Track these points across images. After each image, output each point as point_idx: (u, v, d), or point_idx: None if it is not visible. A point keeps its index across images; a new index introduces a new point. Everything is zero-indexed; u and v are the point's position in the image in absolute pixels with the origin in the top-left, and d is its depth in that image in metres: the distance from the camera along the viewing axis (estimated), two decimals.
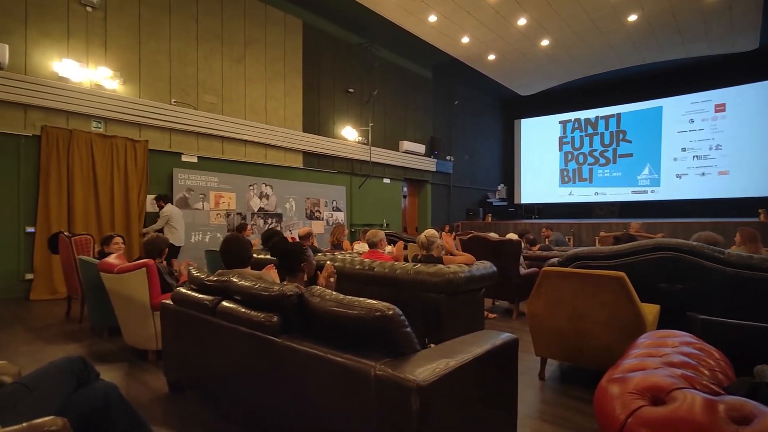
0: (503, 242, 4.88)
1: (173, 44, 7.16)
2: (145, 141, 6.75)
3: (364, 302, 1.63)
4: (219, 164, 7.79)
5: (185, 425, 2.31)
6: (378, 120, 10.84)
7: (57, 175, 5.90)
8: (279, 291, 1.93)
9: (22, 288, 5.69)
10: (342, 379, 1.59)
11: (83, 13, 6.19)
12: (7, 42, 5.47)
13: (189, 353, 2.56)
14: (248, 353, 2.06)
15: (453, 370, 1.47)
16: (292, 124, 8.99)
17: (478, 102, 14.76)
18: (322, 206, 9.56)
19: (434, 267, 3.07)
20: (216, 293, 2.36)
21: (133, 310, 3.31)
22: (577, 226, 11.12)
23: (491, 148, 15.63)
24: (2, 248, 5.57)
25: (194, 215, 7.36)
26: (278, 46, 8.73)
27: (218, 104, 7.77)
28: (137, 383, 2.93)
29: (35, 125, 5.78)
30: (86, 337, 4.03)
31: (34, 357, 3.38)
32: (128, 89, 6.65)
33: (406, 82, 11.83)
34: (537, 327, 2.98)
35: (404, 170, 11.70)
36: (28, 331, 4.16)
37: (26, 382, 1.36)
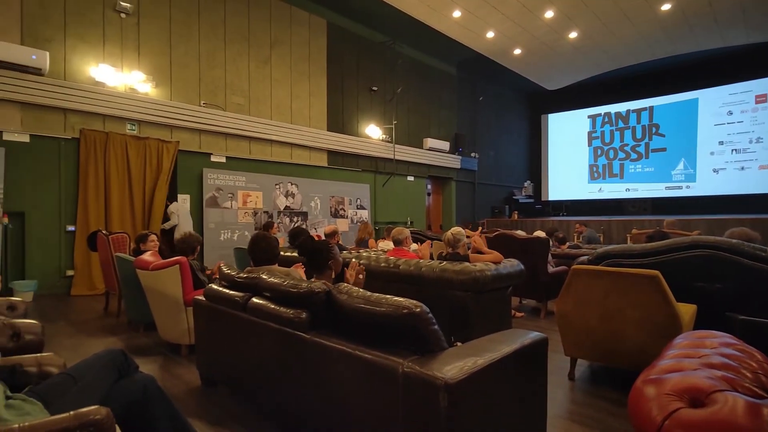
0: (531, 240, 4.80)
1: (202, 47, 7.35)
2: (176, 142, 6.96)
3: (391, 299, 1.64)
4: (246, 164, 7.95)
5: (217, 418, 2.38)
6: (402, 118, 10.83)
7: (95, 175, 6.16)
8: (307, 288, 1.96)
9: (63, 284, 5.98)
10: (370, 375, 1.61)
11: (117, 20, 6.42)
12: (48, 49, 5.74)
13: (220, 348, 2.63)
14: (278, 349, 2.10)
15: (481, 368, 1.46)
16: (317, 123, 9.08)
17: (503, 98, 14.53)
18: (347, 204, 9.62)
19: (460, 265, 3.05)
20: (246, 290, 2.41)
21: (167, 305, 3.43)
22: (607, 224, 10.81)
23: (517, 144, 15.35)
24: (46, 246, 5.86)
25: (223, 214, 7.54)
26: (303, 47, 8.83)
27: (245, 105, 7.94)
28: (171, 376, 3.03)
29: (74, 128, 6.05)
30: (123, 331, 4.20)
31: (76, 350, 3.55)
32: (160, 92, 6.87)
33: (429, 79, 11.76)
34: (566, 326, 2.92)
35: (428, 168, 11.64)
36: (70, 325, 4.37)
37: (72, 373, 1.43)
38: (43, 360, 1.58)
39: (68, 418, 1.11)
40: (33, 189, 5.75)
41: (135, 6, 6.54)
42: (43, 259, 5.86)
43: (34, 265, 5.78)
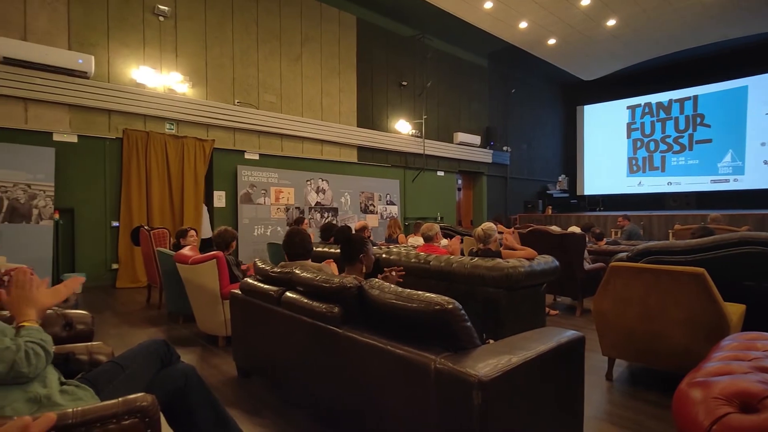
0: (566, 236, 4.67)
1: (236, 47, 7.52)
2: (212, 140, 7.17)
3: (423, 295, 1.63)
4: (279, 161, 8.10)
5: (253, 408, 2.45)
6: (432, 112, 10.73)
7: (137, 173, 6.44)
8: (339, 283, 1.99)
9: (109, 277, 6.30)
10: (402, 370, 1.61)
11: (156, 23, 6.67)
12: (93, 53, 6.02)
13: (256, 340, 2.71)
14: (310, 342, 2.14)
15: (516, 366, 1.44)
16: (347, 119, 9.14)
17: (536, 89, 14.15)
18: (376, 200, 9.65)
19: (492, 261, 3.01)
20: (280, 284, 2.47)
21: (204, 298, 3.55)
22: (647, 219, 10.37)
23: (551, 137, 14.92)
24: (93, 241, 6.19)
25: (257, 210, 7.72)
26: (333, 44, 8.89)
27: (277, 103, 8.08)
28: (209, 366, 3.14)
29: (118, 128, 6.34)
30: (164, 322, 4.39)
31: (121, 339, 3.73)
32: (196, 92, 7.09)
33: (460, 72, 11.60)
34: (604, 325, 2.83)
35: (459, 162, 11.51)
36: (115, 316, 4.60)
37: (119, 362, 1.51)
38: (93, 348, 1.67)
39: (117, 404, 1.17)
40: (81, 187, 6.07)
41: (172, 9, 6.77)
42: (91, 253, 6.18)
43: (83, 258, 6.11)
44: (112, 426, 1.13)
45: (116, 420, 1.14)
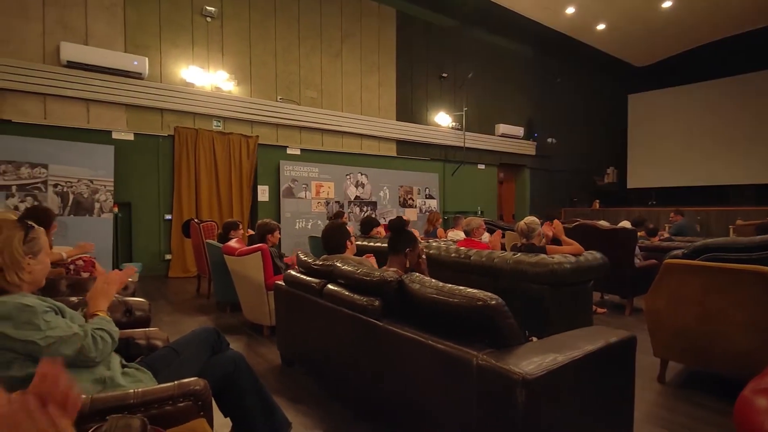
0: (615, 231, 4.46)
1: (278, 44, 7.69)
2: (256, 136, 7.40)
3: (465, 291, 1.62)
4: (319, 155, 8.24)
5: (296, 396, 2.53)
6: (472, 104, 10.53)
7: (187, 169, 6.76)
8: (380, 276, 2.00)
9: (162, 267, 6.67)
10: (442, 365, 1.61)
11: (204, 24, 6.93)
12: (146, 55, 6.36)
13: (298, 330, 2.78)
14: (351, 334, 2.18)
15: (562, 365, 1.40)
16: (386, 113, 9.14)
17: (584, 78, 13.51)
18: (415, 194, 9.62)
19: (536, 257, 2.92)
20: (322, 276, 2.52)
21: (250, 289, 3.69)
22: (704, 214, 9.73)
23: (599, 127, 14.19)
24: (148, 233, 6.58)
25: (298, 204, 7.91)
26: (372, 38, 8.90)
27: (318, 98, 8.20)
28: (255, 354, 3.27)
29: (170, 126, 6.67)
30: (213, 311, 4.60)
31: (174, 326, 3.95)
32: (241, 89, 7.33)
33: (502, 63, 11.28)
34: (656, 325, 2.69)
35: (500, 155, 11.24)
36: (169, 304, 4.88)
37: (174, 347, 1.60)
38: (151, 334, 1.78)
39: (173, 387, 1.24)
40: (137, 182, 6.45)
41: (219, 10, 7.01)
42: (146, 244, 6.57)
43: (139, 249, 6.51)
44: (168, 407, 1.20)
45: (172, 402, 1.21)
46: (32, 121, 5.68)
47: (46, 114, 5.80)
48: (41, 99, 5.75)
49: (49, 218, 3.54)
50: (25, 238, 1.29)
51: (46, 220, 3.51)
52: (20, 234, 1.28)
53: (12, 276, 1.25)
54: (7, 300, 1.20)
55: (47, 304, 1.28)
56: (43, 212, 3.58)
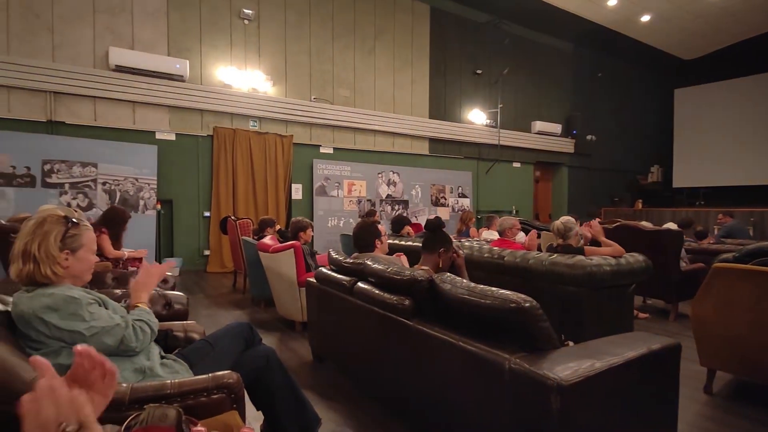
0: (659, 232, 4.24)
1: (312, 44, 7.80)
2: (291, 136, 7.54)
3: (498, 292, 1.58)
4: (351, 154, 8.30)
5: (326, 392, 2.55)
6: (508, 100, 10.30)
7: (224, 167, 6.98)
8: (410, 276, 1.99)
9: (201, 262, 6.92)
10: (473, 367, 1.58)
11: (242, 26, 7.12)
12: (188, 58, 6.60)
13: (329, 327, 2.81)
14: (381, 332, 2.18)
15: (600, 372, 1.34)
16: (419, 111, 9.09)
17: (626, 72, 12.94)
18: (448, 192, 9.52)
19: (573, 258, 2.82)
20: (353, 274, 2.53)
21: (283, 285, 3.77)
22: (759, 215, 9.11)
23: (643, 124, 13.55)
24: (188, 229, 6.84)
25: (330, 202, 8.00)
26: (406, 35, 8.87)
27: (351, 97, 8.26)
28: (287, 349, 3.33)
29: (209, 126, 6.91)
30: (248, 305, 4.73)
31: (211, 319, 4.09)
32: (277, 90, 7.49)
33: (540, 58, 10.97)
34: (704, 333, 2.54)
35: (536, 153, 10.94)
36: (206, 298, 5.05)
37: (210, 340, 1.65)
38: (188, 327, 1.85)
39: (207, 379, 1.28)
40: (178, 180, 6.71)
41: (256, 12, 7.19)
42: (187, 240, 6.84)
43: (180, 245, 6.78)
44: (203, 399, 1.24)
45: (207, 394, 1.25)
46: (83, 123, 6.03)
47: (96, 116, 6.13)
48: (92, 102, 6.09)
49: (122, 219, 3.78)
50: (64, 235, 1.33)
51: (119, 220, 3.74)
52: (60, 230, 1.32)
53: (46, 269, 1.29)
54: (55, 292, 1.27)
55: (91, 296, 1.35)
56: (116, 213, 3.81)
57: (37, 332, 1.23)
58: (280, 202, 7.48)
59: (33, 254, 1.27)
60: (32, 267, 1.27)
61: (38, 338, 1.23)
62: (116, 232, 3.75)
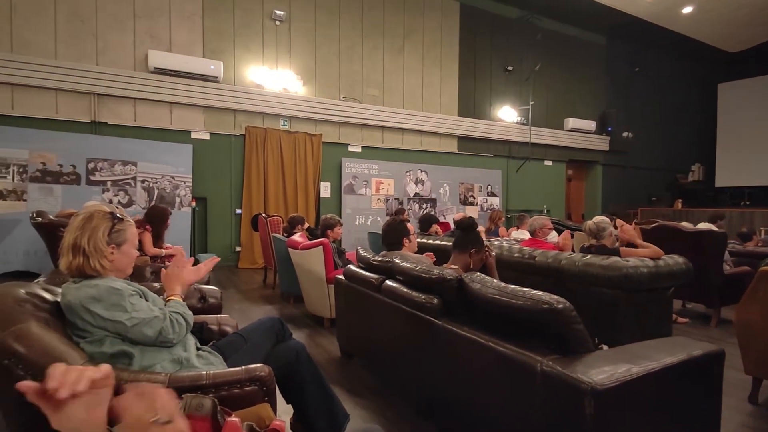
0: (701, 234, 4.05)
1: (342, 44, 7.87)
2: (320, 135, 7.63)
3: (530, 293, 1.55)
4: (380, 152, 8.32)
5: (354, 388, 2.58)
6: (540, 97, 10.06)
7: (256, 166, 7.14)
8: (439, 274, 1.97)
9: (233, 258, 7.11)
10: (503, 368, 1.55)
11: (273, 27, 7.26)
12: (222, 59, 6.78)
13: (357, 324, 2.83)
14: (408, 330, 2.17)
15: (636, 377, 1.29)
16: (448, 109, 9.02)
17: (666, 66, 12.39)
18: (476, 191, 9.40)
19: (609, 259, 2.73)
20: (381, 272, 2.54)
21: (312, 281, 3.82)
22: None
23: (683, 120, 12.94)
24: (221, 226, 7.04)
25: (358, 200, 8.05)
26: (435, 33, 8.81)
27: (379, 96, 8.28)
28: (315, 345, 3.38)
29: (241, 126, 7.08)
30: (278, 301, 4.83)
31: (243, 313, 4.19)
32: (307, 90, 7.59)
33: (573, 53, 10.67)
34: (749, 339, 2.41)
35: (569, 151, 10.65)
36: (238, 293, 5.19)
37: (243, 334, 1.70)
38: (222, 320, 1.90)
39: (241, 371, 1.32)
40: (212, 178, 6.92)
41: (287, 13, 7.31)
42: (219, 237, 7.04)
43: (213, 241, 6.99)
44: (236, 390, 1.27)
45: (240, 386, 1.28)
46: (124, 123, 6.30)
47: (136, 116, 6.39)
48: (132, 103, 6.35)
49: (164, 217, 3.94)
50: (110, 230, 1.40)
51: (162, 218, 3.91)
52: (107, 225, 1.40)
53: (95, 263, 1.36)
54: (99, 283, 1.34)
55: (133, 288, 1.41)
56: (159, 211, 3.98)
57: (83, 321, 1.29)
58: (309, 200, 7.58)
59: (83, 248, 1.34)
60: (82, 260, 1.34)
61: (84, 327, 1.30)
62: (158, 230, 3.90)
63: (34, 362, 1.08)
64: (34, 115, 5.79)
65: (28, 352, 1.09)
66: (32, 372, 1.07)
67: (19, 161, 5.53)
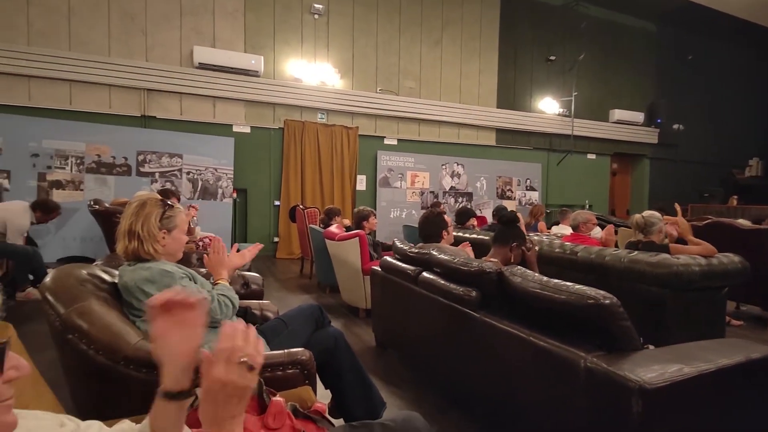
0: (759, 232, 3.79)
1: (379, 37, 7.85)
2: (356, 127, 7.68)
3: (574, 287, 1.50)
4: (415, 145, 8.28)
5: (389, 378, 2.60)
6: (583, 88, 9.67)
7: (294, 159, 7.28)
8: (478, 267, 1.95)
9: (271, 248, 7.30)
10: (545, 364, 1.52)
11: (312, 21, 7.34)
12: (262, 54, 6.94)
13: (393, 315, 2.85)
14: (445, 323, 2.17)
15: (689, 378, 1.23)
16: (486, 101, 8.83)
17: (722, 53, 11.57)
18: (515, 185, 9.18)
19: (657, 256, 2.61)
20: (417, 264, 2.54)
21: (348, 272, 3.87)
22: None
23: (740, 112, 12.06)
24: (260, 217, 7.25)
25: (393, 193, 8.05)
26: (474, 24, 8.63)
27: (416, 88, 8.22)
28: (351, 335, 3.42)
29: (280, 120, 7.23)
30: (314, 290, 4.92)
31: (281, 301, 4.30)
32: (344, 83, 7.64)
33: (620, 41, 10.16)
34: None
35: (614, 143, 10.19)
36: (276, 282, 5.33)
37: (284, 319, 1.75)
38: (264, 306, 1.97)
39: (283, 354, 1.36)
40: (252, 170, 7.12)
41: (326, 6, 7.37)
42: (259, 227, 7.25)
43: (253, 231, 7.20)
44: (279, 372, 1.31)
45: (282, 368, 1.32)
46: (171, 117, 6.58)
47: (182, 110, 6.66)
48: (178, 97, 6.62)
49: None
50: (162, 216, 1.48)
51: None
52: (159, 211, 1.48)
53: (148, 247, 1.44)
54: (152, 266, 1.41)
55: (183, 271, 1.48)
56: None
57: (138, 301, 1.37)
58: (345, 192, 7.66)
59: (137, 233, 1.43)
60: (137, 244, 1.43)
61: (139, 306, 1.37)
62: None
63: (96, 338, 1.16)
64: (90, 110, 6.14)
65: (90, 328, 1.16)
66: (94, 347, 1.15)
67: (77, 153, 5.89)
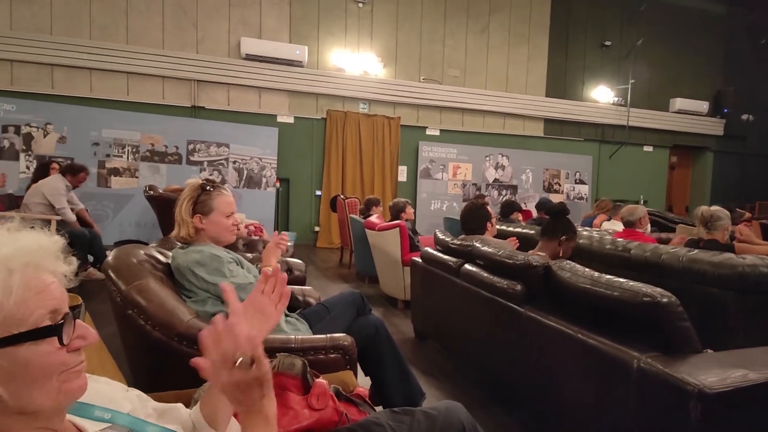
0: None
1: (424, 24, 7.74)
2: (398, 117, 7.64)
3: (628, 284, 1.42)
4: (458, 136, 8.13)
5: (428, 369, 2.59)
6: (641, 75, 9.08)
7: (335, 149, 7.36)
8: (524, 260, 1.89)
9: (312, 237, 7.45)
10: (594, 363, 1.46)
11: (356, 10, 7.34)
12: (306, 44, 7.02)
13: (432, 307, 2.83)
14: (488, 316, 2.12)
15: (754, 384, 1.14)
16: (534, 89, 8.51)
17: None
18: (563, 178, 8.83)
19: (720, 255, 2.42)
20: (459, 256, 2.50)
21: (387, 263, 3.88)
22: None
23: None
24: (302, 206, 7.40)
25: (434, 185, 7.97)
26: (524, 8, 8.31)
27: (461, 77, 8.05)
28: (389, 325, 3.40)
29: (322, 110, 7.32)
30: (353, 280, 4.98)
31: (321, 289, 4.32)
32: (386, 72, 7.61)
33: (683, 24, 9.44)
34: None
35: (674, 135, 9.54)
36: (316, 270, 5.44)
37: (326, 305, 1.78)
38: (306, 291, 2.01)
39: (325, 339, 1.38)
40: (295, 160, 7.26)
41: None
42: (300, 216, 7.41)
43: (295, 220, 7.37)
44: (321, 356, 1.34)
45: (324, 352, 1.35)
46: (219, 107, 6.82)
47: (230, 101, 6.88)
48: (226, 88, 6.84)
49: None
50: (195, 201, 1.50)
51: None
52: (191, 196, 1.51)
53: (183, 231, 1.49)
54: (203, 248, 1.47)
55: (231, 255, 1.53)
56: None
57: (189, 283, 1.44)
58: (386, 183, 7.66)
59: (177, 219, 1.50)
60: (179, 229, 1.50)
61: (190, 288, 1.44)
62: None
63: (152, 314, 1.23)
64: (145, 101, 6.47)
65: (147, 305, 1.23)
66: (151, 322, 1.21)
67: (133, 142, 6.24)
